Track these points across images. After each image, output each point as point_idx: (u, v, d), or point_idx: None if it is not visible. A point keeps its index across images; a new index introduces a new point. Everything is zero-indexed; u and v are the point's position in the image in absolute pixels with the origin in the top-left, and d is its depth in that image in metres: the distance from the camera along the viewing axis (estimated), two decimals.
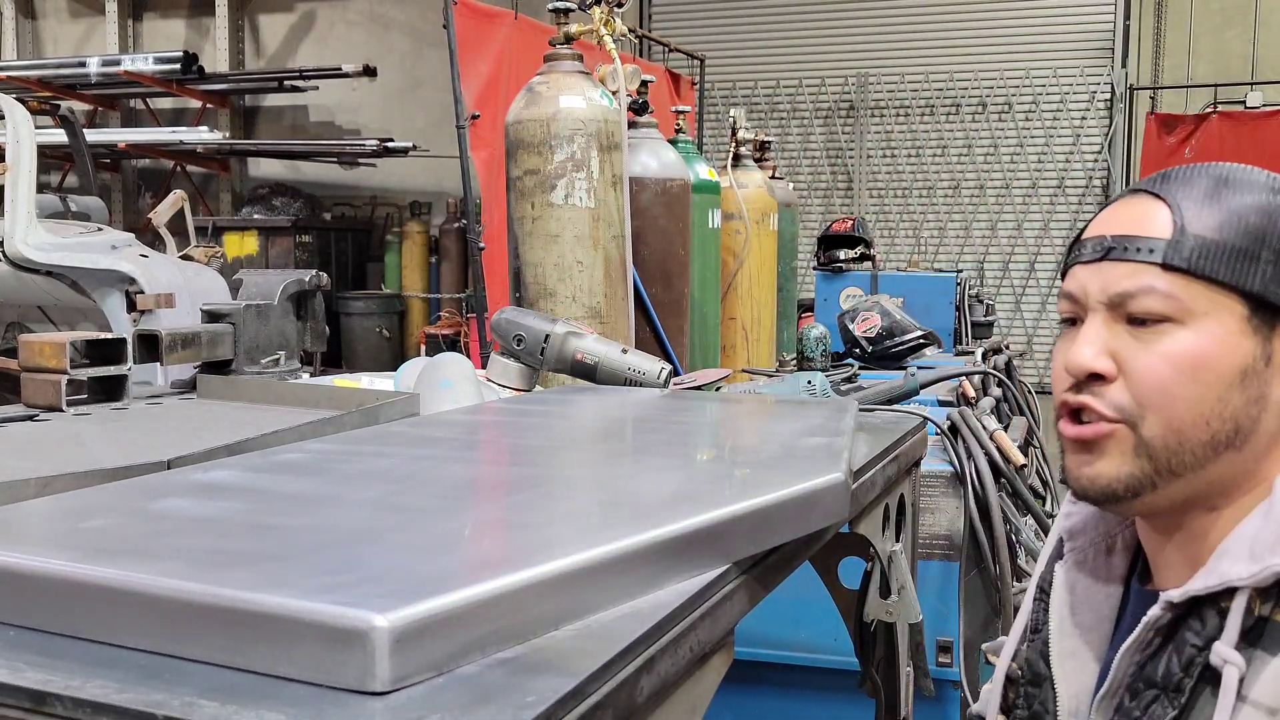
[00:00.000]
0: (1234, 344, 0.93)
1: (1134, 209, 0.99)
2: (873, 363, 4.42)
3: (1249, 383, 0.94)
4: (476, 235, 4.43)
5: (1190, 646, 0.91)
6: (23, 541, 0.93)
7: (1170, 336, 0.94)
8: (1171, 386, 0.93)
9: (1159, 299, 0.94)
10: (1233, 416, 0.94)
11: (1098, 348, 0.96)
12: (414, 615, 0.71)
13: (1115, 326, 0.97)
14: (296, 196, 9.01)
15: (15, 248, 4.22)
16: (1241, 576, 0.89)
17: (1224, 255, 0.93)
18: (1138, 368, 0.94)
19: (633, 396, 1.94)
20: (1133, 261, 0.95)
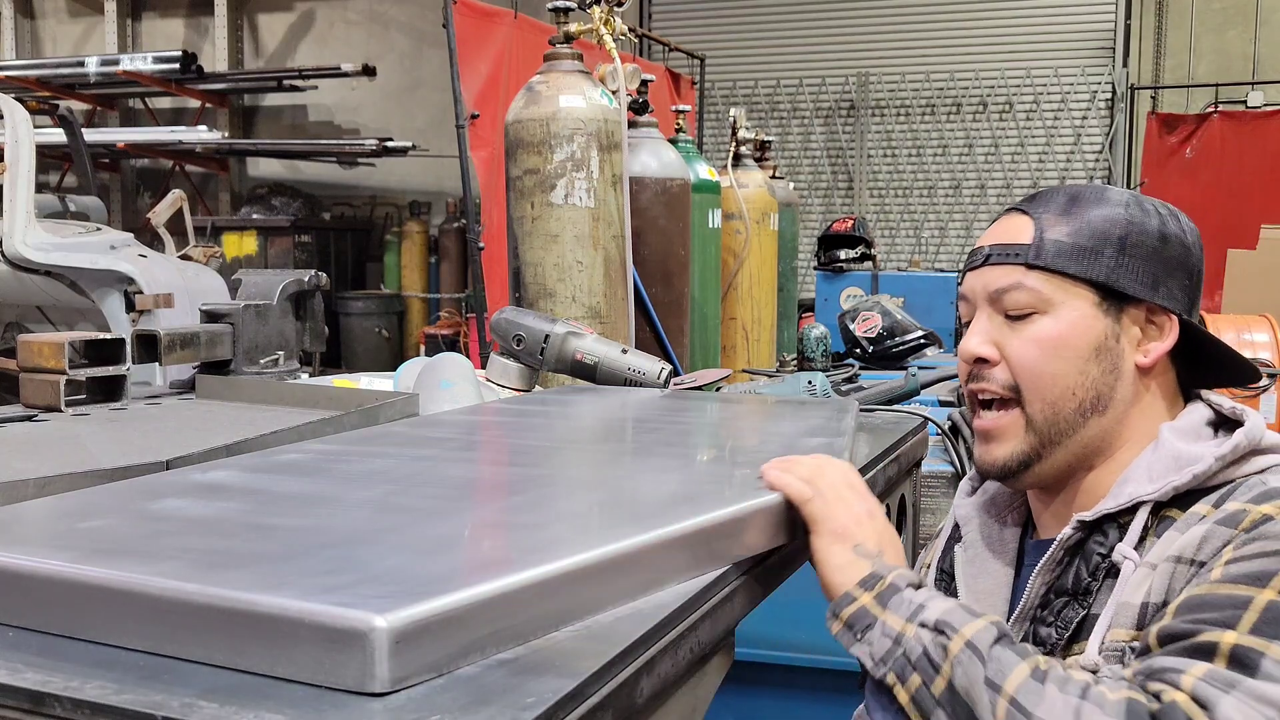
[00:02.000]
0: (1087, 325, 1.14)
1: (1008, 224, 1.21)
2: (873, 363, 4.42)
3: (1103, 356, 1.14)
4: (476, 235, 4.43)
5: (1096, 555, 1.09)
6: (22, 542, 0.93)
7: (1036, 324, 1.15)
8: (1039, 364, 1.15)
9: (1025, 293, 1.15)
10: (1093, 386, 1.14)
11: (982, 337, 1.18)
12: (414, 616, 0.71)
13: (996, 320, 1.18)
14: (296, 196, 9.01)
15: (14, 248, 4.22)
16: (1147, 492, 1.08)
17: (1073, 254, 1.15)
18: (1012, 351, 1.16)
19: (633, 397, 1.93)
20: (1006, 264, 1.17)
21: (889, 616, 1.00)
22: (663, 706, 0.87)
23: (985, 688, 0.91)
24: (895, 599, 1.00)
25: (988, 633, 0.95)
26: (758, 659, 2.54)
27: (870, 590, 1.02)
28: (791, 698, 2.59)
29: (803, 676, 2.57)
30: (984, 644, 0.94)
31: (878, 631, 0.99)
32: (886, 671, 0.97)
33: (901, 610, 0.99)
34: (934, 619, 0.97)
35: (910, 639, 0.97)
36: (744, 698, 2.59)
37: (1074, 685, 0.90)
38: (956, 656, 0.94)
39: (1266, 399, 4.94)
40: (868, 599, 1.02)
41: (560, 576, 0.83)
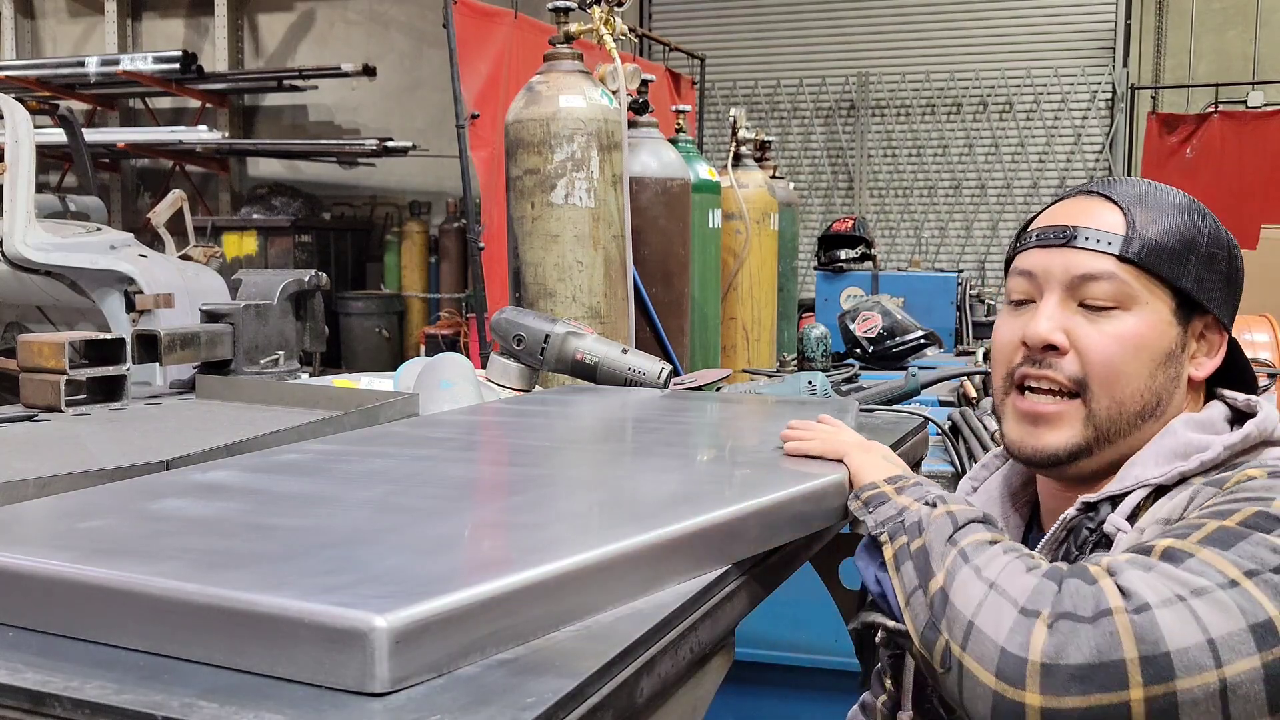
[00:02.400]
0: (1164, 330, 1.11)
1: (1088, 206, 1.14)
2: (873, 363, 4.42)
3: (1171, 364, 1.12)
4: (476, 235, 4.43)
5: (1085, 530, 1.10)
6: (22, 541, 0.93)
7: (1118, 319, 1.10)
8: (1117, 362, 1.10)
9: (1114, 285, 1.10)
10: (1157, 391, 1.11)
11: (1055, 322, 1.11)
12: (414, 616, 0.71)
13: (1070, 307, 1.12)
14: (296, 196, 9.00)
15: (14, 248, 4.22)
16: (1153, 476, 1.08)
17: (1165, 254, 1.10)
18: (1090, 344, 1.10)
19: (633, 396, 1.93)
20: (1093, 250, 1.10)
21: (901, 498, 1.10)
22: (663, 706, 0.87)
23: (946, 543, 0.99)
24: (913, 488, 1.11)
25: (971, 512, 1.03)
26: (758, 659, 2.54)
27: (893, 484, 1.13)
28: (791, 698, 2.59)
29: (803, 676, 2.57)
30: (962, 517, 1.02)
31: (888, 506, 1.09)
32: (881, 532, 1.07)
33: (914, 494, 1.09)
34: (934, 497, 1.07)
35: (910, 510, 1.06)
36: (744, 698, 2.59)
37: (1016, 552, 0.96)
38: (935, 519, 1.02)
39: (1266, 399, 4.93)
40: (889, 488, 1.12)
41: (560, 576, 0.83)
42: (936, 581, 0.96)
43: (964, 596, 0.93)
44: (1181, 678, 0.81)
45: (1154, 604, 0.84)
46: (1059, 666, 0.83)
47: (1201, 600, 0.84)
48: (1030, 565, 0.93)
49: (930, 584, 0.97)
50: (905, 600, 1.00)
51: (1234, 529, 0.90)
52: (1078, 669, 0.83)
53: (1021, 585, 0.90)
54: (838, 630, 2.02)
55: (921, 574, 0.99)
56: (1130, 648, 0.82)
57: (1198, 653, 0.82)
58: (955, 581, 0.95)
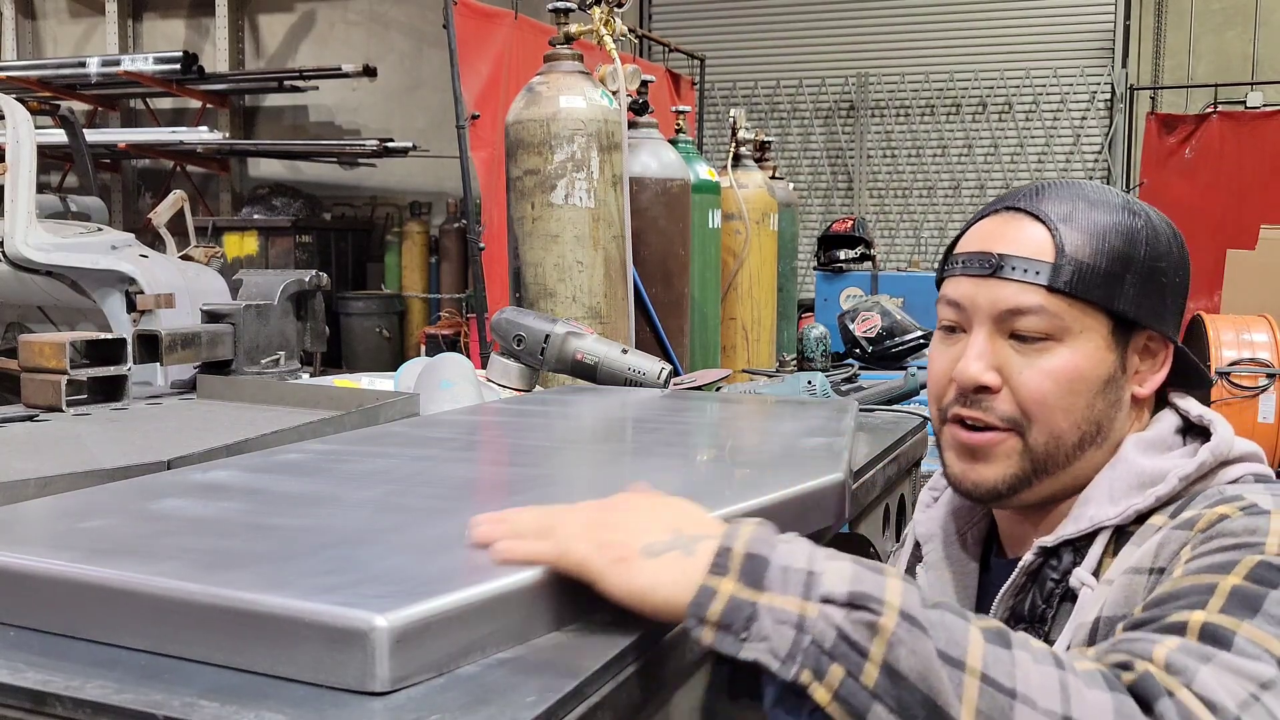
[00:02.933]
0: (1100, 358, 1.05)
1: (1014, 227, 1.07)
2: (873, 363, 4.43)
3: (1110, 389, 1.06)
4: (476, 235, 4.43)
5: (1050, 580, 1.04)
6: (23, 541, 0.93)
7: (1051, 353, 1.04)
8: (1051, 398, 1.04)
9: (1044, 318, 1.03)
10: (1096, 419, 1.06)
11: (986, 361, 1.05)
12: (414, 615, 0.71)
13: (998, 340, 1.06)
14: (296, 197, 9.01)
15: (15, 248, 4.22)
16: (1109, 516, 1.02)
17: (1096, 278, 1.03)
18: (1022, 381, 1.05)
19: (633, 396, 1.94)
20: (1019, 281, 1.04)
21: (774, 599, 0.75)
22: (663, 706, 0.87)
23: (943, 664, 0.72)
24: (769, 574, 0.76)
25: (911, 594, 0.75)
26: None
27: (725, 573, 0.76)
28: None
29: None
30: (917, 610, 0.74)
31: (767, 621, 0.74)
32: (798, 670, 0.73)
33: (789, 587, 0.75)
34: (843, 592, 0.74)
35: (816, 620, 0.73)
36: None
37: (1041, 651, 0.77)
38: (894, 635, 0.72)
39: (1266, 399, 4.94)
40: (730, 584, 0.76)
41: (560, 576, 0.83)
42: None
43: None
44: None
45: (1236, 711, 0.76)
46: None
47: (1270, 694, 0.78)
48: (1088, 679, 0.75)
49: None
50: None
51: (1249, 590, 0.85)
52: None
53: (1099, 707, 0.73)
54: None
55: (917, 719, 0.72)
56: None
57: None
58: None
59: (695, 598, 0.76)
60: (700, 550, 0.78)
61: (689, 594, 0.76)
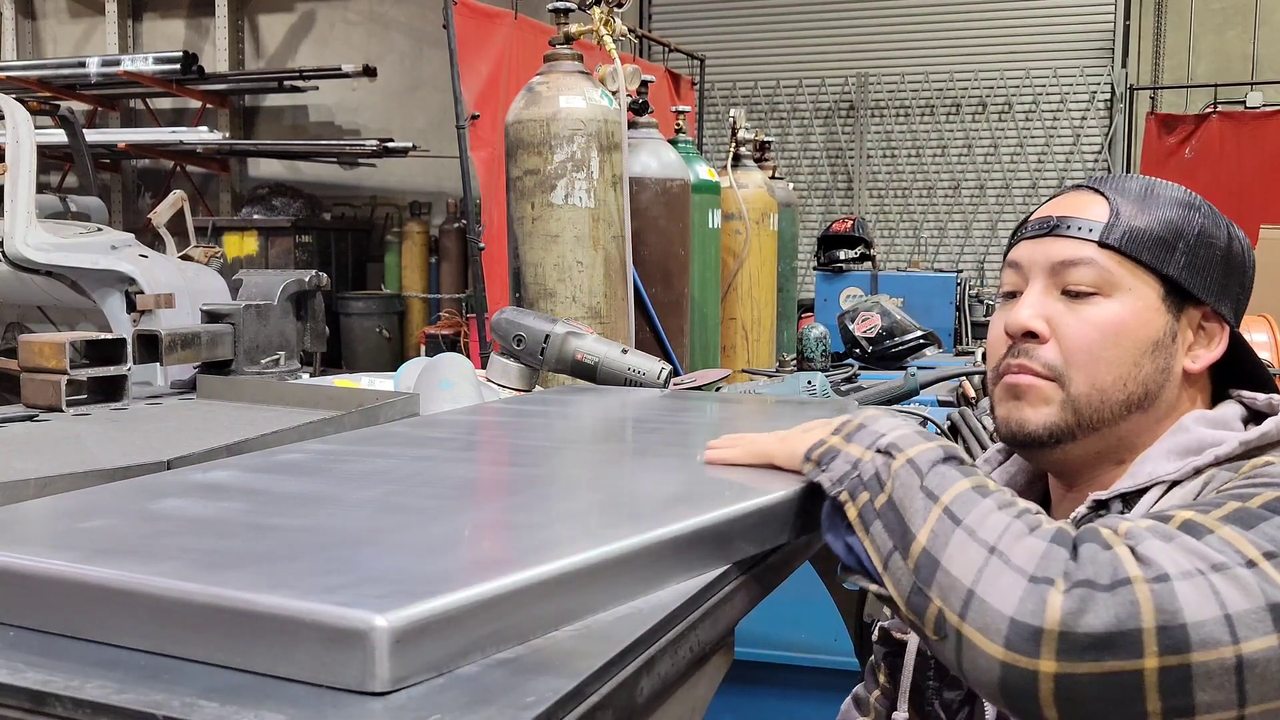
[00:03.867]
0: (1149, 318, 1.09)
1: (1077, 199, 1.15)
2: (873, 363, 4.43)
3: (1158, 353, 1.10)
4: (476, 235, 4.43)
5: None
6: (22, 541, 0.93)
7: (1098, 306, 1.10)
8: (1095, 348, 1.09)
9: (1092, 270, 1.09)
10: (1143, 381, 1.10)
11: (1036, 310, 1.12)
12: (414, 615, 0.71)
13: (1052, 294, 1.12)
14: (296, 197, 9.01)
15: (15, 248, 4.22)
16: (1168, 472, 1.06)
17: (1148, 241, 1.09)
18: (1068, 331, 1.10)
19: (633, 396, 1.93)
20: (1073, 238, 1.11)
21: (851, 447, 1.00)
22: (663, 706, 0.87)
23: (921, 495, 0.92)
24: (860, 433, 1.01)
25: (932, 453, 0.95)
26: (758, 658, 2.54)
27: (839, 432, 1.03)
28: (791, 697, 2.59)
29: (803, 676, 2.57)
30: (925, 462, 0.94)
31: (840, 460, 1.00)
32: (840, 490, 0.99)
33: (864, 440, 1.00)
34: (886, 443, 0.98)
35: (865, 463, 0.98)
36: (744, 697, 2.59)
37: (1013, 505, 0.90)
38: (897, 471, 0.95)
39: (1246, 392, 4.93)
40: (836, 439, 1.03)
41: (560, 576, 0.83)
42: (918, 543, 0.90)
43: (961, 563, 0.87)
44: (1197, 650, 0.80)
45: (1173, 575, 0.82)
46: (1075, 634, 0.81)
47: (1220, 576, 0.82)
48: (1032, 524, 0.88)
49: (911, 546, 0.90)
50: (882, 564, 0.93)
51: (1255, 510, 0.88)
52: (1094, 636, 0.81)
53: (1028, 551, 0.85)
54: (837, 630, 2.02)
55: (896, 534, 0.92)
56: (1149, 617, 0.80)
57: (1214, 627, 0.80)
58: (947, 546, 0.88)
59: (813, 444, 1.04)
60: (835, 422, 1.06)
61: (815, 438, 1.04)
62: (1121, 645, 0.80)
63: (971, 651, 0.85)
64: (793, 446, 1.08)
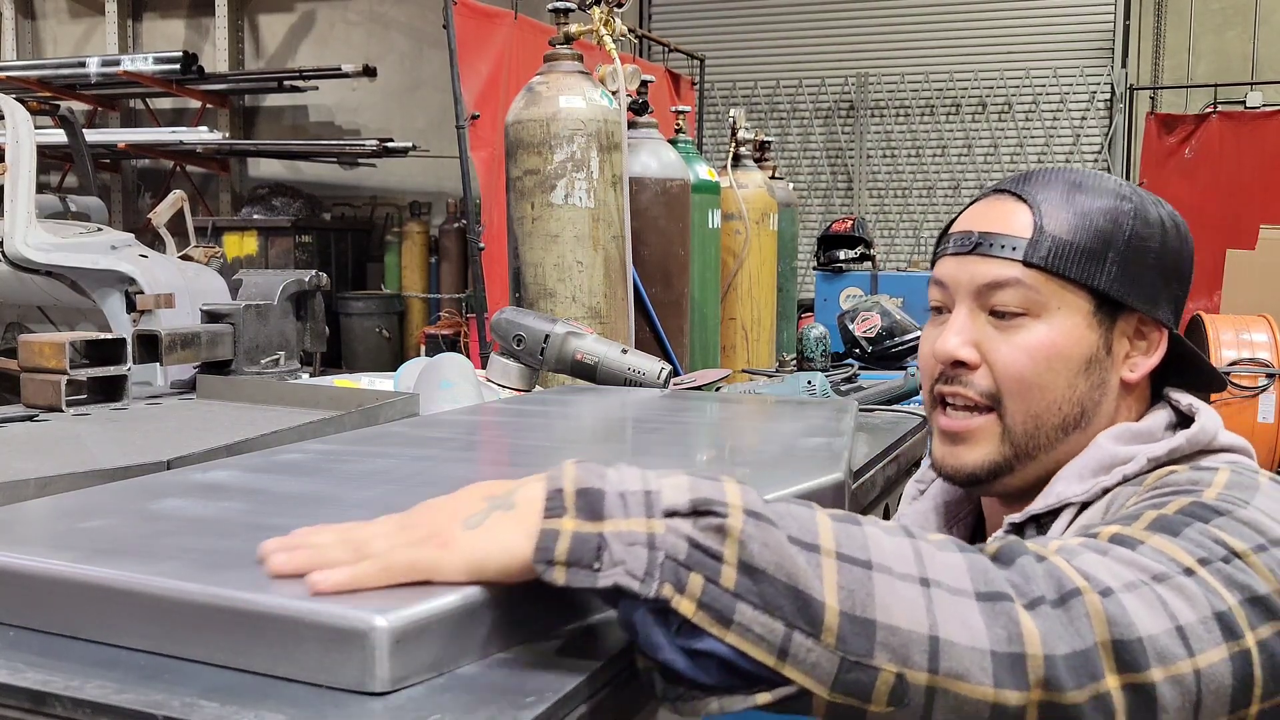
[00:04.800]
0: (1080, 336, 1.04)
1: (999, 208, 1.09)
2: (873, 363, 4.43)
3: (1092, 370, 1.05)
4: (476, 235, 4.43)
5: None
6: (22, 541, 0.93)
7: (1027, 329, 1.05)
8: (1028, 374, 1.05)
9: (1020, 292, 1.04)
10: (1079, 401, 1.06)
11: (964, 337, 1.07)
12: (414, 615, 0.71)
13: (979, 318, 1.07)
14: (296, 197, 9.01)
15: (15, 248, 4.22)
16: (1076, 493, 1.03)
17: (1076, 255, 1.03)
18: (999, 357, 1.06)
19: (633, 396, 1.94)
20: (997, 257, 1.05)
21: (618, 525, 0.72)
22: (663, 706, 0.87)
23: (796, 549, 0.71)
24: (606, 503, 0.73)
25: (751, 493, 0.74)
26: None
27: (563, 513, 0.73)
28: None
29: None
30: (759, 506, 0.73)
31: (617, 546, 0.71)
32: (656, 585, 0.70)
33: (630, 509, 0.72)
34: (686, 501, 0.72)
35: (665, 535, 0.71)
36: None
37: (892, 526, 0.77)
38: (742, 533, 0.71)
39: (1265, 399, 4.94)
40: (570, 522, 0.72)
41: None
42: (830, 608, 0.70)
43: (902, 610, 0.71)
44: (1155, 666, 0.74)
45: (1116, 588, 0.75)
46: (1055, 657, 0.72)
47: (1164, 586, 0.77)
48: (939, 543, 0.76)
49: (821, 615, 0.70)
50: (776, 655, 0.70)
51: (1174, 518, 0.84)
52: (1066, 657, 0.73)
53: (952, 569, 0.74)
54: None
55: (785, 609, 0.70)
56: (1102, 632, 0.73)
57: (1168, 640, 0.75)
58: (874, 597, 0.71)
59: (538, 543, 0.72)
60: (522, 501, 0.75)
61: (530, 543, 0.72)
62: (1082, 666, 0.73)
63: (953, 703, 0.72)
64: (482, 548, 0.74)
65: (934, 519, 1.21)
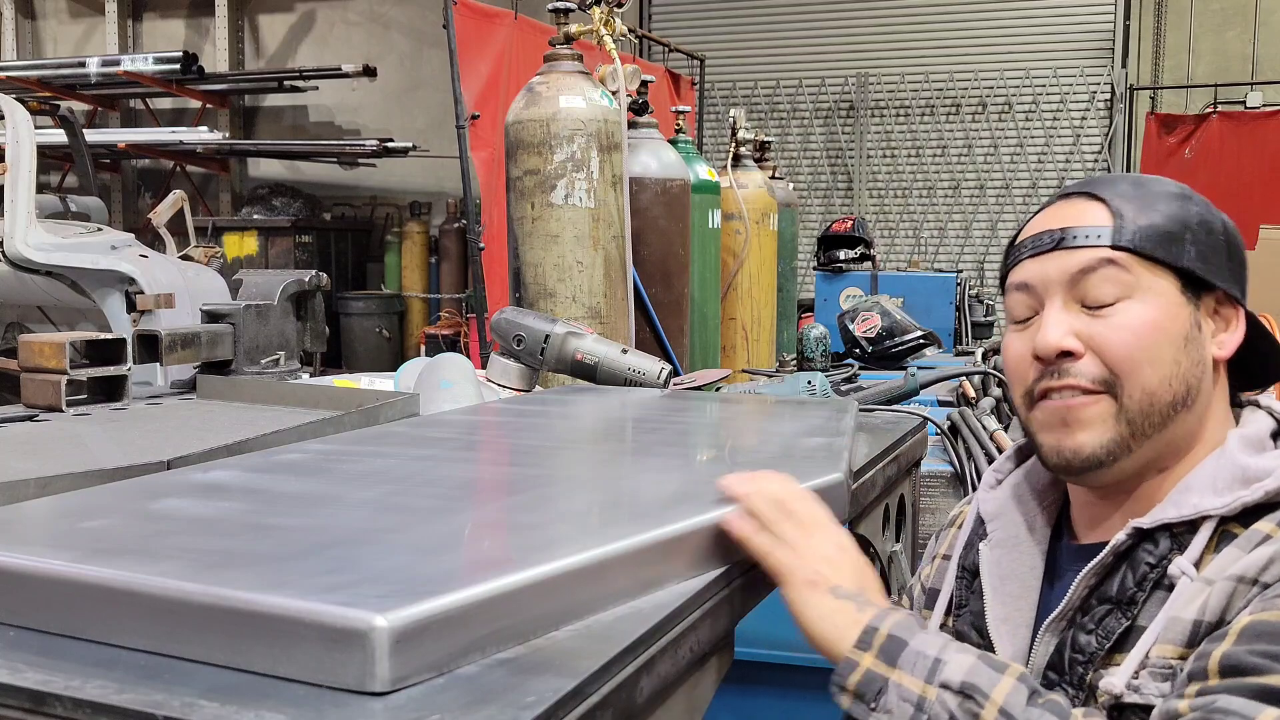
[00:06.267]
0: (1175, 313, 1.06)
1: (1073, 207, 1.11)
2: (873, 363, 4.43)
3: (1191, 346, 1.07)
4: (476, 235, 4.43)
5: (1144, 564, 1.02)
6: (23, 541, 0.93)
7: (1126, 310, 1.06)
8: (1137, 352, 1.05)
9: (1112, 275, 1.06)
10: (1184, 378, 1.06)
11: (1064, 327, 1.07)
12: (414, 615, 0.71)
13: (1073, 309, 1.07)
14: (296, 197, 9.01)
15: (15, 248, 4.22)
16: (1215, 506, 1.00)
17: (1158, 237, 1.07)
18: (1105, 341, 1.05)
19: (633, 396, 1.94)
20: (1085, 247, 1.07)
21: (902, 677, 0.91)
22: (662, 706, 0.87)
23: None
24: (904, 655, 0.92)
25: (1018, 694, 0.88)
26: (758, 658, 2.54)
27: (869, 649, 0.94)
28: (791, 697, 2.59)
29: (803, 676, 2.56)
30: (1017, 709, 0.87)
31: (894, 696, 0.91)
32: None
33: (917, 669, 0.91)
34: (958, 681, 0.89)
35: (934, 703, 0.89)
36: (744, 697, 2.59)
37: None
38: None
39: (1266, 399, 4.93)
40: (870, 660, 0.93)
41: (560, 576, 0.83)
42: None
43: None
44: None
45: None
46: None
47: None
48: None
49: None
50: None
51: None
52: None
53: None
54: None
55: None
56: None
57: None
58: None
59: (840, 667, 0.94)
60: (868, 610, 0.96)
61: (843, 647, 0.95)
62: None
63: None
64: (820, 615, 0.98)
65: (1013, 507, 1.19)
